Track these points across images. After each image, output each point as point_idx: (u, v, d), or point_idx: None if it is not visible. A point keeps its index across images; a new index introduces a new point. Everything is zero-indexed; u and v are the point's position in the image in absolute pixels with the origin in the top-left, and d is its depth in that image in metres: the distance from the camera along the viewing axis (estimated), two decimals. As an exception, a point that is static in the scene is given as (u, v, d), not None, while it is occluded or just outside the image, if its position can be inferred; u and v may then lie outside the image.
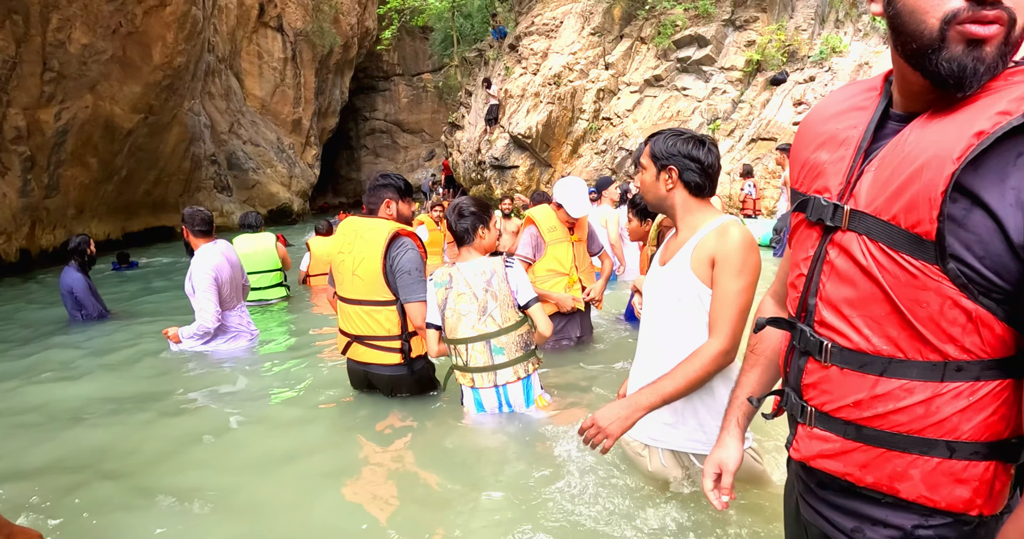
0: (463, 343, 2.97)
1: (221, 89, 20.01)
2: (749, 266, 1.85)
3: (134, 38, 12.17)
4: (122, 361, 4.88)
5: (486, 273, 2.93)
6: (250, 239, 6.54)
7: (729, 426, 1.50)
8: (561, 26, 16.67)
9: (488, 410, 3.09)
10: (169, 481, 2.84)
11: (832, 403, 1.10)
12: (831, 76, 13.04)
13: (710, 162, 1.94)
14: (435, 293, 2.98)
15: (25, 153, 11.01)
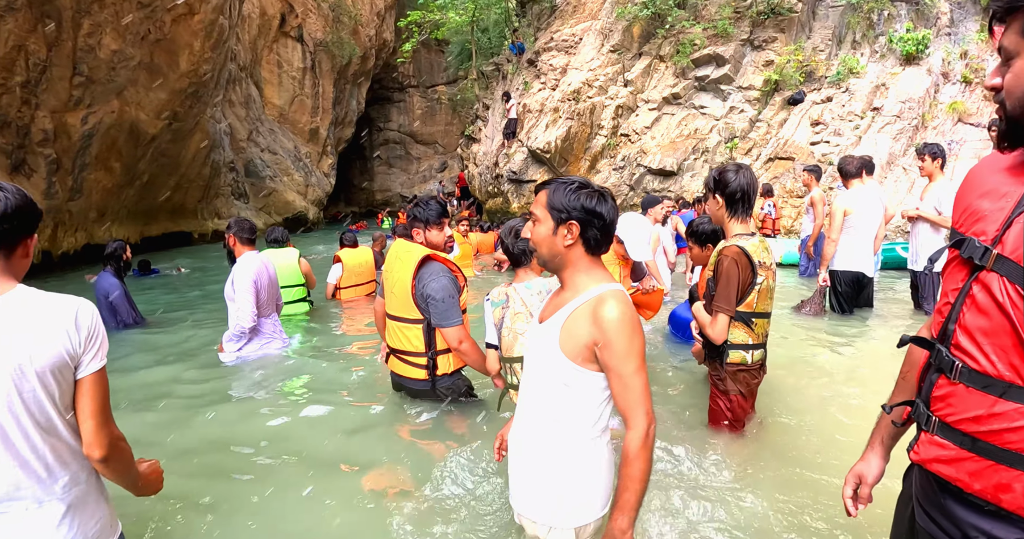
0: (518, 362, 2.92)
1: (241, 97, 20.24)
2: (636, 344, 1.74)
3: (162, 45, 12.35)
4: (163, 363, 4.97)
5: (542, 293, 2.91)
6: (276, 254, 6.55)
7: (874, 444, 1.64)
8: (580, 43, 16.84)
9: None
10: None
11: (954, 415, 1.25)
12: (848, 97, 13.12)
13: (611, 219, 1.83)
14: (492, 313, 2.96)
15: (51, 156, 11.15)
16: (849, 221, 5.59)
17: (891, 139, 12.10)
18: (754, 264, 2.85)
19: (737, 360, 3.01)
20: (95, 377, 1.67)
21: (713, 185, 2.93)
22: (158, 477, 1.97)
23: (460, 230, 9.28)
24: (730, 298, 2.87)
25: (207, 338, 5.91)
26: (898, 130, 12.17)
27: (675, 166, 13.94)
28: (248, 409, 4.00)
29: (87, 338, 1.65)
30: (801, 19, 14.26)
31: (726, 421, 3.16)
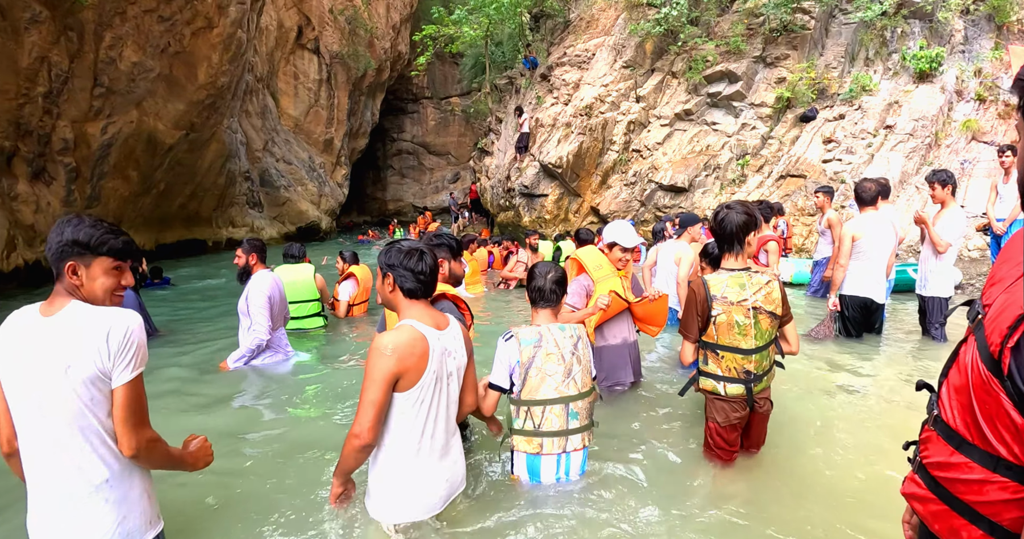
0: (541, 405, 2.88)
1: (258, 108, 20.50)
2: (371, 367, 2.26)
3: (181, 58, 12.59)
4: (172, 375, 5.04)
5: (573, 337, 2.96)
6: (291, 269, 6.63)
7: None
8: (593, 58, 16.93)
9: (543, 480, 2.97)
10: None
11: (929, 458, 1.36)
12: (861, 114, 13.10)
13: (422, 269, 2.40)
14: (520, 351, 2.86)
15: (71, 164, 11.37)
16: (858, 246, 5.57)
17: (904, 157, 12.05)
18: (709, 296, 2.95)
19: (708, 388, 3.10)
20: (125, 387, 1.89)
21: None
22: (206, 453, 2.27)
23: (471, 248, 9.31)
24: (687, 324, 3.07)
25: (215, 349, 6.01)
26: (911, 148, 12.13)
27: (686, 182, 13.95)
28: (248, 416, 4.14)
29: (117, 353, 1.85)
30: (814, 36, 14.28)
31: (708, 447, 3.24)
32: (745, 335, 2.95)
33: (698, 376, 3.13)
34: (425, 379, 2.33)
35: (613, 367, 4.30)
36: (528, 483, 2.99)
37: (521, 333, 2.92)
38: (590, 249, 4.37)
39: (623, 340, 4.31)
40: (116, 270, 1.97)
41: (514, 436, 2.98)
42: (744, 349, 2.97)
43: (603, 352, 4.25)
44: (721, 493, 3.01)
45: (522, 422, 2.92)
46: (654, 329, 4.44)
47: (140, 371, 1.92)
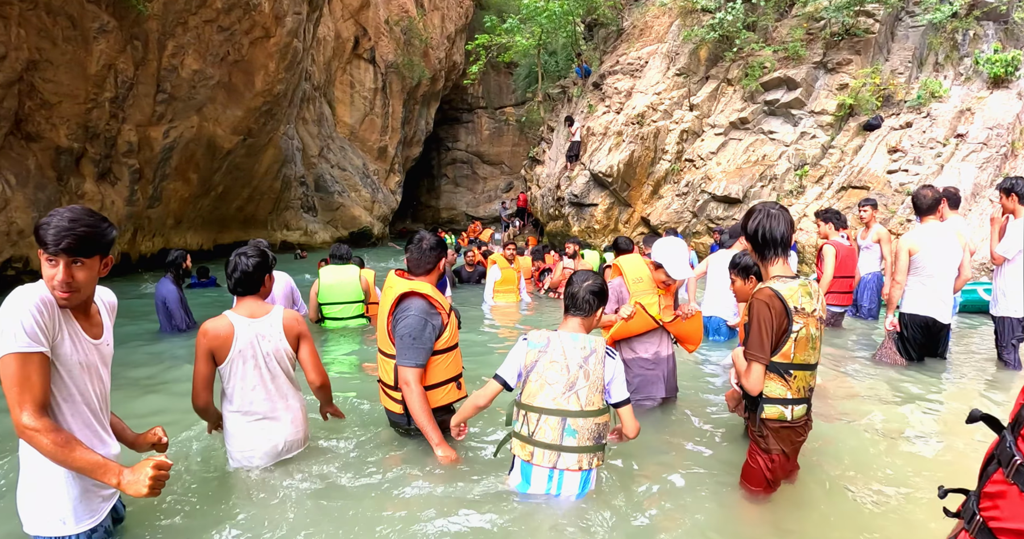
0: (536, 412, 2.75)
1: (314, 115, 21.03)
2: (196, 345, 2.92)
3: (239, 66, 12.99)
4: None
5: (586, 349, 2.75)
6: (337, 270, 6.71)
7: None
8: (646, 66, 16.70)
9: (532, 490, 2.81)
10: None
11: (999, 521, 1.03)
12: (930, 122, 12.44)
13: (230, 273, 3.03)
14: (525, 353, 2.79)
15: (134, 166, 11.85)
16: (916, 261, 5.08)
17: (976, 168, 11.37)
18: (789, 309, 2.56)
19: (774, 416, 2.69)
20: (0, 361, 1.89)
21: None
22: (140, 480, 1.96)
23: (505, 254, 9.15)
24: (763, 345, 2.59)
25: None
26: (984, 158, 11.43)
27: (740, 193, 13.53)
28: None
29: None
30: (878, 40, 13.68)
31: (762, 483, 2.83)
32: (815, 348, 2.64)
33: (762, 405, 2.69)
34: (232, 355, 2.89)
35: (643, 381, 4.11)
36: (515, 487, 2.85)
37: (531, 336, 2.82)
38: (635, 258, 4.16)
39: (655, 354, 4.12)
40: (50, 262, 1.97)
41: (513, 438, 2.88)
42: (813, 364, 2.67)
43: (632, 365, 4.08)
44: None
45: (519, 425, 2.82)
46: (690, 347, 4.28)
47: (10, 352, 1.88)
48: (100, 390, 2.20)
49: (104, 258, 2.07)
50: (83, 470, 1.95)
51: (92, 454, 1.95)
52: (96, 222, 2.01)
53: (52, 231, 1.92)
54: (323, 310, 6.73)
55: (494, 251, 11.50)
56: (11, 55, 8.88)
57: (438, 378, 3.34)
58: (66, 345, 2.02)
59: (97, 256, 2.03)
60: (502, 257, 9.10)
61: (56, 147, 10.45)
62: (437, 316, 3.29)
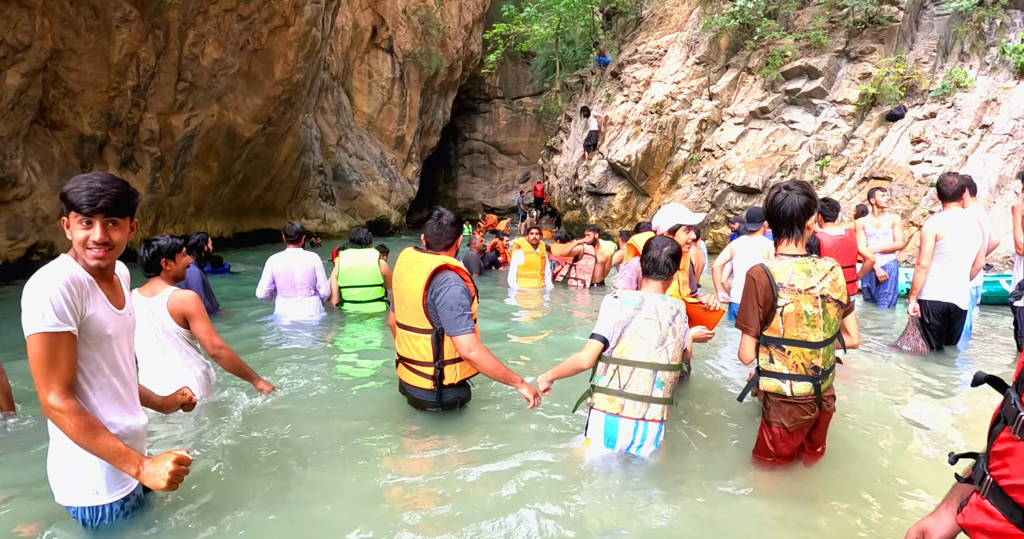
0: (630, 366, 2.94)
1: (332, 105, 21.10)
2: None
3: (259, 55, 13.07)
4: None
5: (673, 309, 2.99)
6: (356, 254, 6.78)
7: (951, 500, 1.43)
8: (665, 55, 16.55)
9: (617, 446, 3.01)
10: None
11: (1009, 479, 1.05)
12: (954, 113, 12.23)
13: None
14: (620, 309, 2.95)
15: (156, 154, 12.01)
16: (941, 247, 5.03)
17: (1002, 160, 11.17)
18: (774, 285, 2.66)
19: (772, 389, 2.79)
20: (28, 341, 1.92)
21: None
22: (159, 473, 2.01)
23: (530, 239, 9.14)
24: (746, 317, 2.76)
25: (265, 326, 6.25)
26: (1010, 150, 11.23)
27: (760, 183, 13.40)
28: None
29: (24, 307, 1.93)
30: (902, 29, 13.44)
31: (766, 453, 2.95)
32: (814, 326, 2.69)
33: (758, 377, 2.84)
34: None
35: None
36: (600, 446, 3.02)
37: (624, 294, 3.00)
38: (649, 235, 4.20)
39: None
40: (83, 224, 2.03)
41: (595, 394, 3.02)
42: (812, 342, 2.70)
43: None
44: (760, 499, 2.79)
45: (608, 380, 2.98)
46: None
47: (38, 332, 1.91)
48: (127, 360, 2.25)
49: (132, 220, 2.15)
50: (104, 456, 2.00)
51: (114, 442, 2.00)
52: (124, 184, 2.09)
53: (86, 193, 1.98)
54: (342, 293, 6.83)
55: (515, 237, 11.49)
56: (35, 44, 9.01)
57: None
58: (94, 318, 2.05)
59: (127, 217, 2.10)
60: (526, 242, 9.09)
61: (79, 135, 10.61)
62: (467, 287, 3.42)
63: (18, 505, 2.58)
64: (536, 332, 6.41)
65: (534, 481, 2.85)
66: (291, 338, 5.83)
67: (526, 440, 3.34)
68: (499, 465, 3.03)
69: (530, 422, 3.59)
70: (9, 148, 9.23)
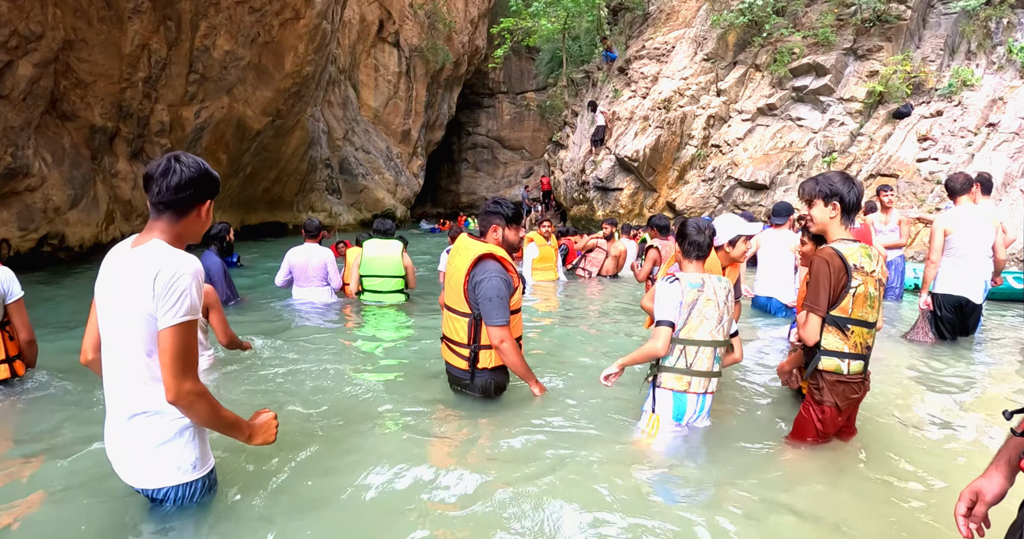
0: (696, 345, 3.08)
1: (339, 98, 21.14)
2: None
3: (269, 47, 13.11)
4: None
5: (727, 288, 3.16)
6: (379, 244, 6.82)
7: (1000, 461, 1.52)
8: (673, 51, 16.57)
9: (685, 419, 3.17)
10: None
11: None
12: (961, 111, 12.26)
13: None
14: (684, 292, 3.05)
15: (166, 145, 12.05)
16: (950, 242, 5.15)
17: (1008, 158, 11.21)
18: (848, 266, 2.79)
19: (831, 368, 2.88)
20: (167, 332, 1.94)
21: (829, 192, 2.90)
22: (267, 430, 2.31)
23: (542, 231, 9.14)
24: (818, 298, 2.84)
25: (284, 316, 6.38)
26: (1016, 148, 11.26)
27: (767, 180, 13.45)
28: (296, 371, 4.33)
29: (160, 296, 1.93)
30: (910, 27, 13.46)
31: (812, 434, 3.02)
32: (873, 307, 2.88)
33: (820, 356, 2.89)
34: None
35: None
36: (669, 422, 3.17)
37: (685, 277, 3.10)
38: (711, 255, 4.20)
39: None
40: (208, 211, 2.18)
41: (662, 374, 3.15)
42: (870, 322, 2.88)
43: None
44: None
45: (675, 360, 3.10)
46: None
47: (182, 322, 1.94)
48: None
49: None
50: (227, 428, 2.16)
51: (231, 414, 2.17)
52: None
53: (216, 180, 2.15)
54: (363, 282, 6.87)
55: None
56: (47, 35, 9.03)
57: None
58: None
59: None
60: (539, 234, 9.07)
61: (91, 126, 10.64)
62: (509, 277, 3.53)
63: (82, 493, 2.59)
64: (552, 328, 6.40)
65: (601, 461, 2.94)
66: (307, 324, 6.07)
67: (593, 417, 3.47)
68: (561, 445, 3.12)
69: (597, 399, 3.75)
70: (21, 138, 9.27)
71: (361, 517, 2.45)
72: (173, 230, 2.06)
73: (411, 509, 2.48)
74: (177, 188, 2.01)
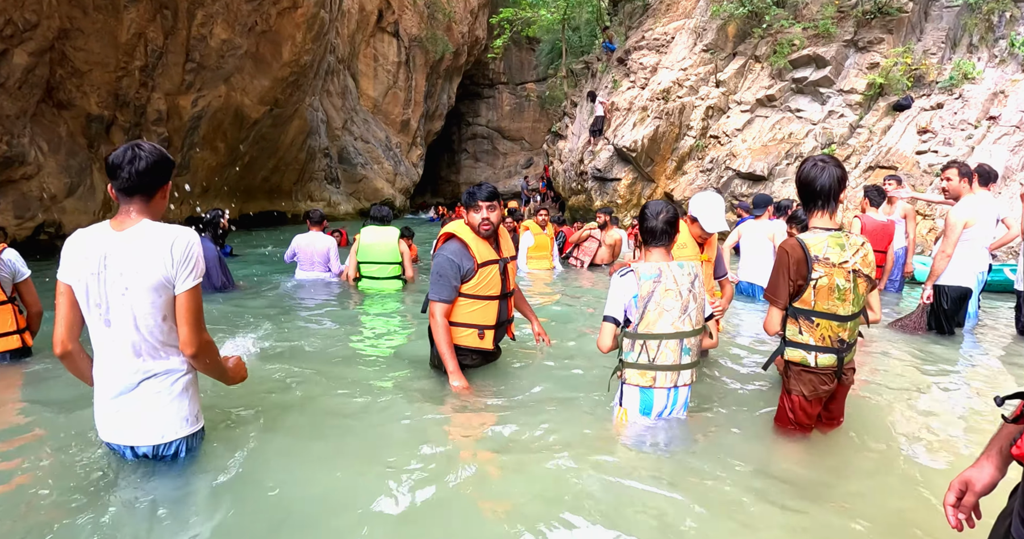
0: (656, 339, 2.95)
1: (338, 88, 21.06)
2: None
3: (267, 36, 13.05)
4: (236, 321, 5.30)
5: (691, 274, 2.98)
6: (376, 231, 6.86)
7: (991, 451, 1.51)
8: (672, 41, 16.50)
9: (653, 414, 3.07)
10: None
11: None
12: (961, 104, 12.21)
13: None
14: (639, 286, 2.92)
15: (163, 134, 12.02)
16: (966, 233, 5.08)
17: (1008, 152, 11.17)
18: (809, 257, 2.70)
19: (796, 359, 2.85)
20: (186, 295, 2.24)
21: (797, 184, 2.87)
22: (241, 368, 2.66)
23: (538, 220, 9.15)
24: (776, 289, 2.81)
25: (279, 302, 6.47)
26: (1017, 142, 11.23)
27: (766, 171, 13.42)
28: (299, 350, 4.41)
29: (179, 262, 2.20)
30: (911, 20, 13.39)
31: (786, 422, 3.04)
32: (844, 300, 2.75)
33: (784, 347, 2.89)
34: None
35: None
36: (636, 415, 3.08)
37: (640, 268, 2.95)
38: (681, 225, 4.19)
39: None
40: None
41: (626, 369, 3.05)
42: (841, 316, 2.77)
43: None
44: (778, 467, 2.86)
45: (636, 355, 2.98)
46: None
47: (200, 281, 2.28)
48: None
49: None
50: (225, 372, 2.53)
51: (225, 358, 2.55)
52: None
53: (172, 163, 2.40)
54: (361, 269, 6.93)
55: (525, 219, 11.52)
56: (43, 23, 8.99)
57: (460, 319, 3.70)
58: None
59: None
60: (535, 223, 9.08)
61: (87, 114, 10.62)
62: (470, 260, 3.59)
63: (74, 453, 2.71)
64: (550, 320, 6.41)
65: (573, 444, 2.97)
66: (304, 307, 6.27)
67: (562, 408, 3.47)
68: (536, 431, 3.14)
69: (566, 392, 3.74)
70: (16, 127, 9.25)
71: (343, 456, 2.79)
72: (148, 211, 2.27)
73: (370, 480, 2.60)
74: (144, 173, 2.20)
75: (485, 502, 2.45)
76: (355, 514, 2.33)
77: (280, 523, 2.26)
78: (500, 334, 3.90)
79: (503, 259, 3.78)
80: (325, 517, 2.31)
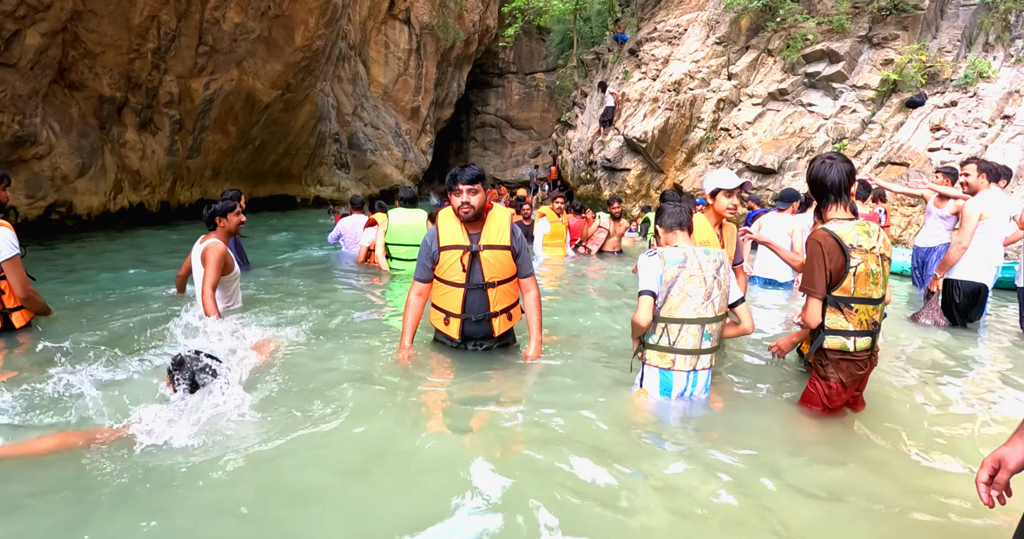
0: (678, 323, 3.02)
1: (349, 74, 21.03)
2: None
3: (280, 21, 13.02)
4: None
5: (716, 262, 3.05)
6: (405, 213, 6.86)
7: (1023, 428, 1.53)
8: (685, 34, 16.41)
9: (673, 395, 3.15)
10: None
11: None
12: (976, 102, 12.14)
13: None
14: (664, 269, 3.01)
15: (175, 117, 12.05)
16: (981, 227, 5.09)
17: (1021, 151, 11.13)
18: (844, 246, 2.77)
19: (836, 347, 2.90)
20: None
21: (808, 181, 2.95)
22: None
23: (554, 208, 9.11)
24: (814, 281, 2.84)
25: (284, 282, 6.57)
26: (1030, 140, 11.18)
27: (776, 164, 13.38)
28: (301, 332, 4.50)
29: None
30: (927, 17, 13.29)
31: (819, 405, 3.07)
32: (876, 284, 2.86)
33: (824, 336, 2.90)
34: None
35: None
36: (656, 395, 3.16)
37: (666, 253, 3.03)
38: (700, 219, 4.02)
39: None
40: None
41: (647, 351, 3.14)
42: (875, 299, 2.87)
43: None
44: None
45: (657, 338, 3.08)
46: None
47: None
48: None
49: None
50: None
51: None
52: None
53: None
54: (390, 250, 6.90)
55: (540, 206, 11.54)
56: (56, 5, 8.98)
57: (433, 301, 3.88)
58: None
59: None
60: (551, 210, 9.05)
61: (99, 96, 10.65)
62: (435, 243, 3.69)
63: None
64: (564, 305, 6.41)
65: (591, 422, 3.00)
66: (334, 288, 6.45)
67: (584, 385, 3.49)
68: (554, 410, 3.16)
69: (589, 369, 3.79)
70: (28, 107, 9.29)
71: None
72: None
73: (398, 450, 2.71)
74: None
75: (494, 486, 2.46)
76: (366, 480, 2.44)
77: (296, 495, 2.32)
78: (473, 329, 3.79)
79: (474, 247, 3.61)
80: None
